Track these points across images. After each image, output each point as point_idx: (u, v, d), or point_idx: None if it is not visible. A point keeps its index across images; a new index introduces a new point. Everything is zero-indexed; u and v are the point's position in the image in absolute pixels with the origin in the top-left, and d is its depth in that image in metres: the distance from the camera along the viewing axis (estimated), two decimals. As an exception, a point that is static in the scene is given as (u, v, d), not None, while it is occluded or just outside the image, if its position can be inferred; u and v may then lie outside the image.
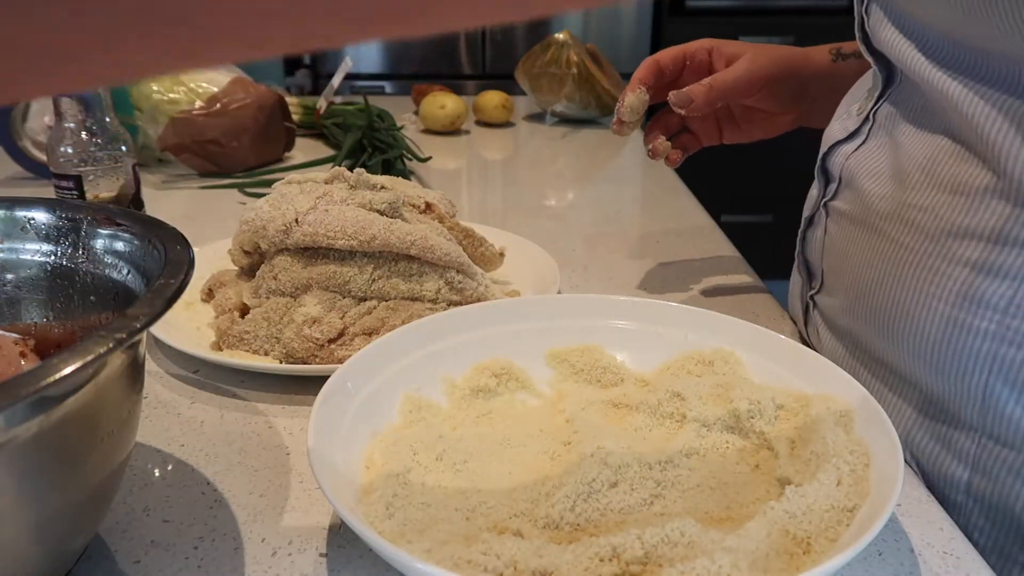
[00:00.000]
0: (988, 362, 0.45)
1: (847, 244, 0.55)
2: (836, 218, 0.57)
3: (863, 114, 0.55)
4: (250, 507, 0.44)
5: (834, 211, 0.57)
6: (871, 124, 0.55)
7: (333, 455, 0.40)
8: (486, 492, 0.41)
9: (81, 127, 0.75)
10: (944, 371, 0.47)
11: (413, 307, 0.60)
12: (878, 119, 0.54)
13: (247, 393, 0.56)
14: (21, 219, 0.44)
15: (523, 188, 1.15)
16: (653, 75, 0.68)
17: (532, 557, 0.35)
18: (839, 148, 0.57)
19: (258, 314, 0.59)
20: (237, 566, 0.40)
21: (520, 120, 1.56)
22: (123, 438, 0.36)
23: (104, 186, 0.77)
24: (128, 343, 0.30)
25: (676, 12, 2.69)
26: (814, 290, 0.61)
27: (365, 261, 0.60)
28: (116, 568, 0.39)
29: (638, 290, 0.75)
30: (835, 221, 0.57)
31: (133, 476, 0.46)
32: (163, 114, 1.09)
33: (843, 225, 0.56)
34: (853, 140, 0.56)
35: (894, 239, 0.50)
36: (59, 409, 0.29)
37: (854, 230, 0.55)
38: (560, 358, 0.53)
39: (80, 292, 0.43)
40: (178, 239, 0.39)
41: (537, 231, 0.88)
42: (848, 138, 0.56)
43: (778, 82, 0.67)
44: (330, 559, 0.40)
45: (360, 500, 0.40)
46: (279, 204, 0.61)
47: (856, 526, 0.37)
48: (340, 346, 0.57)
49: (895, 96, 0.53)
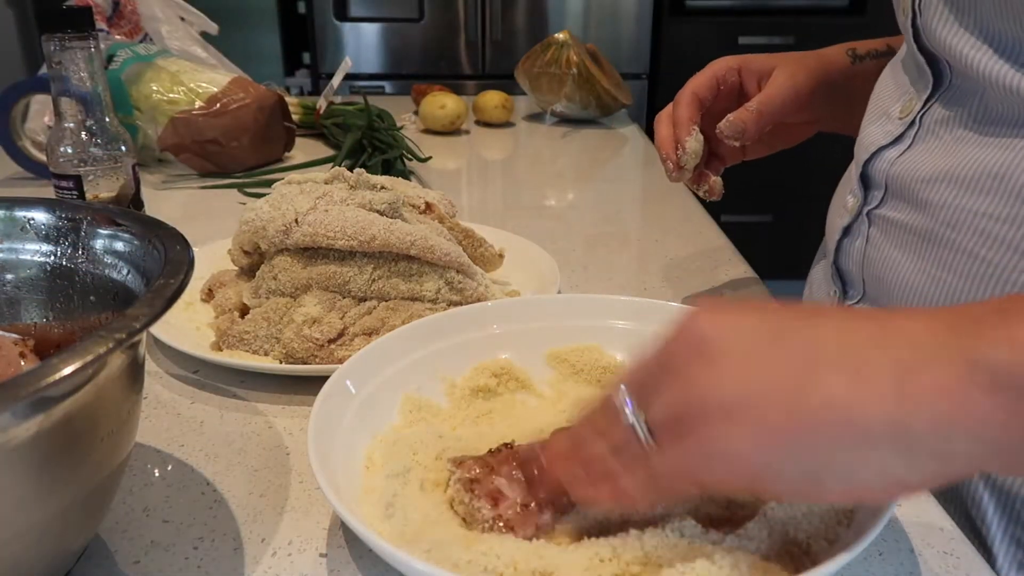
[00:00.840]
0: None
1: (898, 253, 0.52)
2: (882, 226, 0.54)
3: (907, 117, 0.53)
4: (250, 507, 0.44)
5: (879, 219, 0.55)
6: (918, 128, 0.52)
7: (333, 455, 0.40)
8: (486, 492, 0.41)
9: (81, 127, 0.75)
10: None
11: (413, 307, 0.60)
12: (926, 123, 0.51)
13: (247, 393, 0.56)
14: (21, 219, 0.44)
15: (523, 188, 1.15)
16: (699, 111, 0.64)
17: (532, 557, 0.35)
18: (882, 154, 0.54)
19: (258, 314, 0.59)
20: (237, 566, 0.40)
21: (520, 120, 1.56)
22: (123, 438, 0.36)
23: (104, 186, 0.77)
24: (128, 343, 0.30)
25: (676, 12, 2.69)
26: (854, 300, 0.58)
27: (365, 261, 0.60)
28: (116, 568, 0.39)
29: (638, 290, 0.75)
30: (881, 230, 0.55)
31: (133, 476, 0.46)
32: (163, 114, 1.09)
33: (893, 234, 0.53)
34: (897, 145, 0.53)
35: (968, 251, 0.47)
36: (59, 409, 0.29)
37: (909, 239, 0.52)
38: (560, 358, 0.53)
39: (80, 292, 0.43)
40: (178, 239, 0.39)
41: (537, 231, 0.87)
42: (892, 143, 0.54)
43: (816, 93, 0.64)
44: (330, 559, 0.40)
45: (360, 500, 0.40)
46: (279, 204, 0.61)
47: (856, 526, 0.37)
48: (340, 346, 0.57)
49: (947, 98, 0.51)
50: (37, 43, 2.71)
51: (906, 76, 0.56)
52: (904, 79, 0.56)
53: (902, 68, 0.57)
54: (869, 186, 0.56)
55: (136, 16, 1.28)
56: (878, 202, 0.55)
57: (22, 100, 1.03)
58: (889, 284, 0.53)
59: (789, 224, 2.72)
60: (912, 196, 0.51)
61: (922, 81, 0.52)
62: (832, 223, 0.62)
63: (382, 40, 2.69)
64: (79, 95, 0.74)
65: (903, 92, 0.55)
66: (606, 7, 2.66)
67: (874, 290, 0.56)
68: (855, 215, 0.57)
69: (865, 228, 0.56)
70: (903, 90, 0.55)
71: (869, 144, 0.56)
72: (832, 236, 0.61)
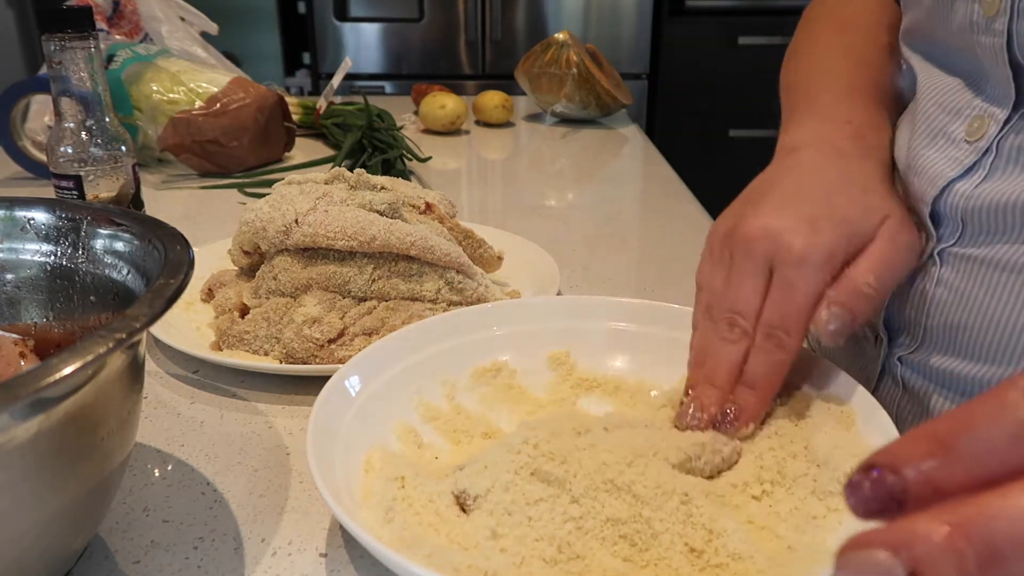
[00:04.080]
0: None
1: (982, 292, 0.45)
2: (958, 265, 0.47)
3: (980, 143, 0.45)
4: (250, 507, 0.44)
5: (955, 258, 0.47)
6: (994, 156, 0.44)
7: (332, 458, 0.40)
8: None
9: (81, 127, 0.75)
10: None
11: (413, 307, 0.60)
12: (1004, 149, 0.44)
13: (247, 393, 0.56)
14: (21, 219, 0.44)
15: (523, 188, 1.15)
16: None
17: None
18: (954, 187, 0.46)
19: (258, 314, 0.59)
20: (237, 566, 0.40)
21: (520, 120, 1.56)
22: (123, 438, 0.36)
23: (104, 186, 0.77)
24: (128, 343, 0.30)
25: (676, 12, 2.69)
26: (907, 350, 0.50)
27: (365, 261, 0.60)
28: (116, 568, 0.39)
29: (638, 291, 0.75)
30: (956, 269, 0.47)
31: (133, 476, 0.46)
32: (163, 114, 1.09)
33: (976, 272, 0.46)
34: (969, 176, 0.45)
35: None
36: (59, 409, 0.29)
37: (1005, 278, 0.44)
38: (560, 360, 0.53)
39: (80, 292, 0.43)
40: (178, 239, 0.39)
41: (537, 231, 0.87)
42: (963, 174, 0.46)
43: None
44: (330, 559, 0.40)
45: (360, 504, 0.40)
46: (279, 205, 0.61)
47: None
48: (340, 346, 0.57)
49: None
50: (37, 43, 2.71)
51: (968, 87, 0.48)
52: (964, 90, 0.48)
53: (952, 74, 0.49)
54: (939, 223, 0.47)
55: (136, 16, 1.28)
56: (955, 239, 0.47)
57: (22, 100, 1.03)
58: (970, 328, 0.46)
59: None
60: (1004, 225, 0.44)
61: (999, 97, 0.44)
62: None
63: (382, 40, 2.69)
64: (79, 95, 0.74)
65: (964, 106, 0.47)
66: (606, 7, 2.66)
67: (942, 338, 0.48)
68: (925, 256, 0.48)
69: (934, 269, 0.48)
70: (963, 103, 0.47)
71: (934, 176, 0.47)
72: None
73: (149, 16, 1.29)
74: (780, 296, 0.42)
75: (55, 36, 0.70)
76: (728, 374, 0.43)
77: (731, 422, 0.43)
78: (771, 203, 0.45)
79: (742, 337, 0.43)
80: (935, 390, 0.49)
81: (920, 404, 0.50)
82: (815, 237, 0.42)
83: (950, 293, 0.47)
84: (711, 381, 0.44)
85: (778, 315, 0.42)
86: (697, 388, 0.44)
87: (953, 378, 0.47)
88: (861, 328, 0.55)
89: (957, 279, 0.47)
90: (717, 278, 0.45)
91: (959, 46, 0.47)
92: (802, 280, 0.42)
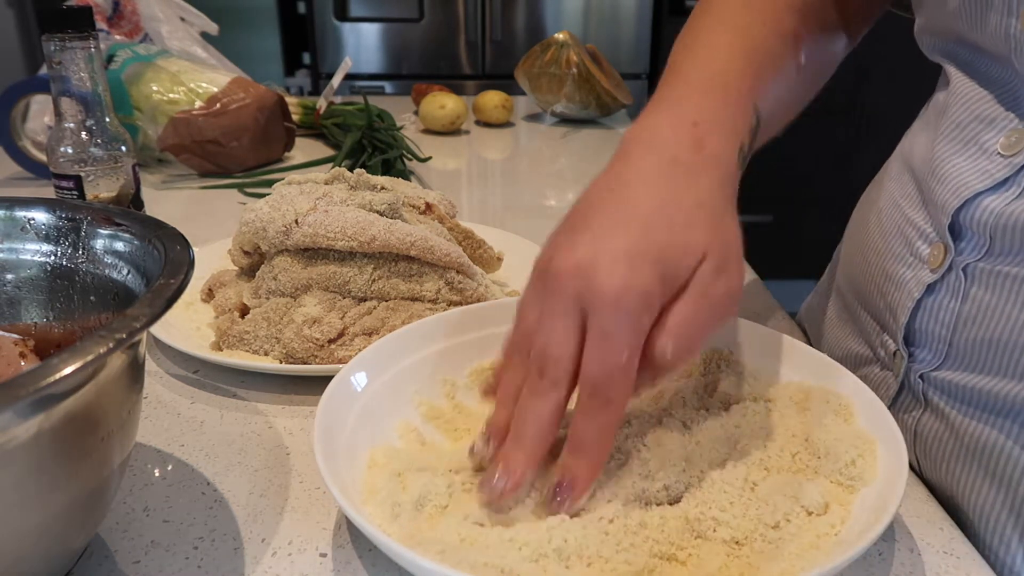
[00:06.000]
0: None
1: (1019, 309, 0.44)
2: (988, 281, 0.45)
3: (1015, 158, 0.43)
4: (250, 507, 0.44)
5: (984, 274, 0.45)
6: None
7: (337, 457, 0.40)
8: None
9: (81, 127, 0.75)
10: None
11: (413, 307, 0.60)
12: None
13: (247, 393, 0.56)
14: (21, 219, 0.44)
15: (523, 188, 1.15)
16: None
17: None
18: (981, 202, 0.44)
19: (258, 314, 0.59)
20: (237, 566, 0.40)
21: (520, 120, 1.56)
22: (123, 438, 0.36)
23: (104, 186, 0.77)
24: (128, 343, 0.30)
25: (676, 12, 2.69)
26: (930, 367, 0.49)
27: (365, 261, 0.60)
28: (116, 568, 0.39)
29: (638, 290, 0.75)
30: (985, 284, 0.45)
31: (133, 476, 0.46)
32: (163, 114, 1.09)
33: (1011, 289, 0.44)
34: (1001, 191, 0.43)
35: None
36: (59, 409, 0.29)
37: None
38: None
39: (80, 292, 0.43)
40: (178, 239, 0.39)
41: (537, 231, 0.87)
42: (994, 188, 0.44)
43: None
44: (330, 559, 0.40)
45: (365, 501, 0.40)
46: (279, 205, 0.61)
47: (856, 527, 0.37)
48: (340, 346, 0.57)
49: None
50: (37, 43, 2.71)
51: (1004, 97, 0.46)
52: (1000, 101, 0.46)
53: (985, 81, 0.47)
54: (960, 236, 0.46)
55: (136, 16, 1.28)
56: (981, 254, 0.45)
57: (22, 100, 1.03)
58: (1002, 344, 0.44)
59: (789, 224, 2.72)
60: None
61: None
62: (887, 272, 0.52)
63: (382, 40, 2.69)
64: (79, 95, 0.74)
65: (1000, 117, 0.45)
66: (606, 7, 2.66)
67: (969, 354, 0.46)
68: (944, 268, 0.47)
69: (960, 284, 0.46)
70: (999, 115, 0.45)
71: (959, 185, 0.45)
72: (895, 290, 0.51)
73: (149, 16, 1.28)
74: (599, 349, 0.38)
75: (55, 36, 0.70)
76: (537, 433, 0.39)
77: (565, 499, 0.38)
78: (589, 234, 0.40)
79: (552, 388, 0.39)
80: (961, 408, 0.48)
81: (944, 421, 0.49)
82: (631, 277, 0.37)
83: (978, 309, 0.45)
84: (518, 439, 0.39)
85: (602, 372, 0.37)
86: (504, 448, 0.40)
87: (981, 395, 0.46)
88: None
89: (986, 295, 0.45)
90: (532, 314, 0.41)
91: (994, 53, 0.45)
92: (619, 331, 0.37)
